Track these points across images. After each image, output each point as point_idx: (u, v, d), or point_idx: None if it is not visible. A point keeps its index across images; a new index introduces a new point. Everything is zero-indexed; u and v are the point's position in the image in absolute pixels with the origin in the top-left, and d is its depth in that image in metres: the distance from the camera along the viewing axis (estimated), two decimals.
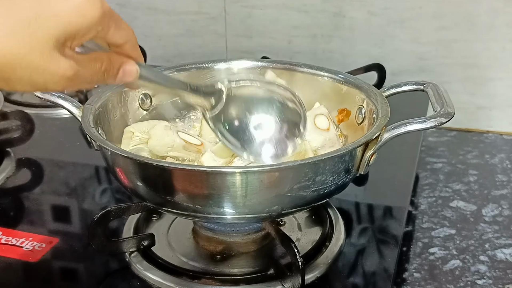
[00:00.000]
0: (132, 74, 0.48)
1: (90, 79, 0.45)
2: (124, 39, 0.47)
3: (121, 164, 0.55)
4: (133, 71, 0.48)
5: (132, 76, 0.49)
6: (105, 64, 0.46)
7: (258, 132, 0.60)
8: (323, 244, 0.63)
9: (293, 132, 0.60)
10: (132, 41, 0.48)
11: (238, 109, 0.60)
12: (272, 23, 1.06)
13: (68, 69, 0.42)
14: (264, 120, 0.60)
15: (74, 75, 0.43)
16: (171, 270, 0.59)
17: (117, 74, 0.47)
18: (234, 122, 0.59)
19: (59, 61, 0.42)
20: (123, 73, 0.48)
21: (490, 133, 0.98)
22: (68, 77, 0.43)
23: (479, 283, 0.63)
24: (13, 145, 0.85)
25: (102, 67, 0.46)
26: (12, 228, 0.68)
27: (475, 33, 0.95)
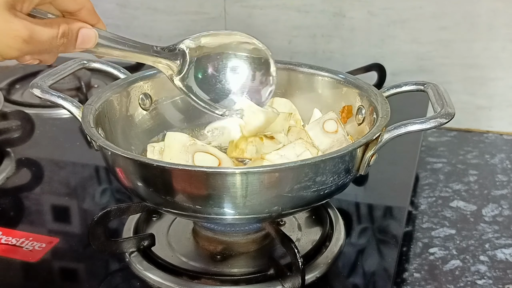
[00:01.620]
0: (91, 39, 0.47)
1: (48, 44, 0.44)
2: (78, 5, 0.46)
3: (121, 164, 0.55)
4: (91, 36, 0.47)
5: (91, 41, 0.47)
6: (62, 28, 0.44)
7: (229, 85, 0.60)
8: (323, 244, 0.63)
9: (264, 80, 0.61)
10: (87, 7, 0.46)
11: (205, 66, 0.59)
12: (272, 23, 1.06)
13: (22, 29, 0.41)
14: (233, 72, 0.60)
15: (30, 37, 0.42)
16: (171, 270, 0.59)
17: (76, 39, 0.46)
18: (204, 79, 0.59)
19: (11, 22, 0.41)
20: (82, 39, 0.46)
21: (490, 133, 0.98)
22: (23, 39, 0.41)
23: (479, 283, 0.63)
24: (13, 145, 0.85)
25: (59, 30, 0.44)
26: (12, 228, 0.68)
27: (475, 33, 0.95)
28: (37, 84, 0.62)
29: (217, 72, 0.60)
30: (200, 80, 0.59)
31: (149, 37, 1.14)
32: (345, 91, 0.68)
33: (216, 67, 0.60)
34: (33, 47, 0.43)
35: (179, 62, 0.57)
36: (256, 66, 0.61)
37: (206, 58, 0.60)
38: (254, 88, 0.60)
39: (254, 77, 0.61)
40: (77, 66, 0.69)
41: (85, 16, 0.47)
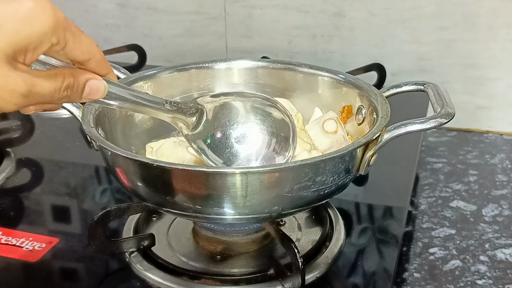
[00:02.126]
0: (99, 91, 0.45)
1: (50, 96, 0.41)
2: (87, 55, 0.43)
3: (121, 165, 0.55)
4: (100, 87, 0.44)
5: (100, 93, 0.45)
6: (67, 80, 0.42)
7: (243, 149, 0.57)
8: (323, 244, 0.63)
9: (282, 147, 0.58)
10: (97, 57, 0.44)
11: (220, 127, 0.57)
12: (272, 23, 1.06)
13: (19, 83, 0.38)
14: (249, 136, 0.57)
15: (28, 92, 0.39)
16: (171, 270, 0.59)
17: (83, 91, 0.43)
18: (217, 142, 0.56)
19: (9, 75, 0.38)
20: (89, 90, 0.44)
21: (490, 133, 0.98)
22: (21, 94, 0.39)
23: (479, 283, 0.63)
24: (13, 145, 0.85)
25: (63, 83, 0.41)
26: (12, 228, 0.68)
27: (475, 33, 0.95)
28: None
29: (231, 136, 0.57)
30: (214, 142, 0.57)
31: (149, 37, 1.14)
32: (345, 91, 0.68)
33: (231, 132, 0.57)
34: (33, 101, 0.40)
35: (195, 119, 0.55)
36: (274, 132, 0.58)
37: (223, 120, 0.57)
38: (269, 155, 0.57)
39: (270, 144, 0.58)
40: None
41: (95, 66, 0.44)
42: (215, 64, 0.73)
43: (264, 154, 0.57)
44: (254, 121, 0.58)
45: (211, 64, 0.73)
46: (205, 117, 0.56)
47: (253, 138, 0.58)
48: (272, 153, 0.58)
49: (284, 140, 0.58)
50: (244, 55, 1.08)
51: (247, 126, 0.58)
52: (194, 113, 0.55)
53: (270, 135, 0.58)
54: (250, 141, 0.57)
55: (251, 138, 0.58)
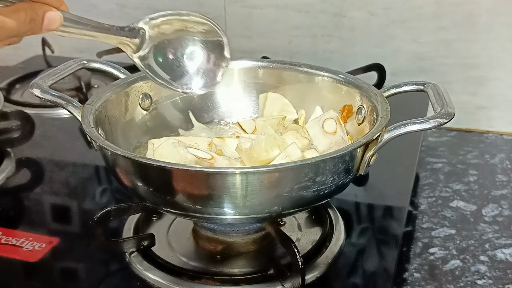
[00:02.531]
0: (56, 21, 0.49)
1: (17, 29, 0.46)
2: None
3: (121, 165, 0.55)
4: (56, 17, 0.49)
5: (57, 23, 0.49)
6: (29, 14, 0.47)
7: (186, 64, 0.63)
8: (323, 244, 0.63)
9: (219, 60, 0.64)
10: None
11: (164, 47, 0.62)
12: (272, 23, 1.06)
13: None
14: (190, 54, 0.63)
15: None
16: (171, 270, 0.59)
17: (42, 22, 0.48)
18: (163, 60, 0.61)
19: None
20: (48, 21, 0.48)
21: (490, 133, 0.98)
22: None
23: (479, 283, 0.63)
24: (13, 145, 0.85)
25: (26, 16, 0.46)
26: (12, 228, 0.68)
27: (475, 33, 0.95)
28: (37, 84, 0.62)
29: (175, 54, 0.63)
30: (159, 60, 0.62)
31: None
32: (345, 91, 0.68)
33: (174, 49, 0.63)
34: (3, 35, 0.45)
35: (138, 40, 0.60)
36: (211, 48, 0.64)
37: (164, 40, 0.62)
38: (209, 68, 0.64)
39: (209, 58, 0.64)
40: (77, 66, 0.69)
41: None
42: None
43: (204, 69, 0.64)
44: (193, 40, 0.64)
45: None
46: (147, 38, 0.61)
47: (194, 56, 0.64)
48: (211, 67, 0.64)
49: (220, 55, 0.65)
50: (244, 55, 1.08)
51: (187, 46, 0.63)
52: (136, 35, 0.60)
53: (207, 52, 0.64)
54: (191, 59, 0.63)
55: (191, 56, 0.64)
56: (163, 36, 0.62)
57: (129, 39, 0.59)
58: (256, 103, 0.74)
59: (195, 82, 0.64)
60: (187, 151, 0.61)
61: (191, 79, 0.63)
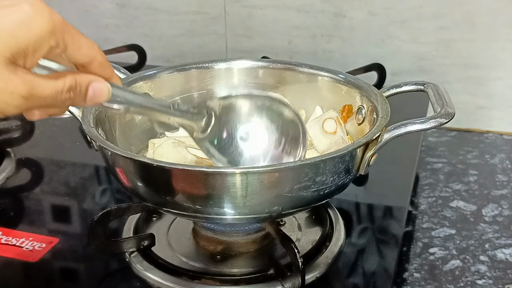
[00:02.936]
0: (103, 94, 0.44)
1: (52, 98, 0.41)
2: (88, 57, 0.43)
3: (121, 165, 0.55)
4: (104, 90, 0.44)
5: (104, 96, 0.44)
6: (68, 82, 0.42)
7: (248, 148, 0.57)
8: (323, 244, 0.63)
9: (291, 146, 0.57)
10: (98, 59, 0.44)
11: (226, 127, 0.57)
12: (272, 23, 1.06)
13: (19, 85, 0.39)
14: (255, 135, 0.57)
15: (29, 94, 0.39)
16: (171, 270, 0.59)
17: (86, 93, 0.43)
18: (223, 142, 0.56)
19: (8, 78, 0.38)
20: (93, 93, 0.43)
21: (490, 133, 0.98)
22: (21, 96, 0.39)
23: (479, 283, 0.63)
24: (13, 145, 0.85)
25: (65, 85, 0.41)
26: (12, 228, 0.68)
27: (475, 33, 0.95)
28: None
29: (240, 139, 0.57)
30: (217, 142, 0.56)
31: (149, 37, 1.14)
32: (345, 91, 0.68)
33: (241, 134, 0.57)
34: (34, 103, 0.40)
35: (203, 122, 0.54)
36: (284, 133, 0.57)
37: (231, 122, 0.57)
38: (278, 154, 0.57)
39: (280, 143, 0.57)
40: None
41: (96, 68, 0.44)
42: (215, 64, 0.73)
43: (273, 154, 0.57)
44: (260, 120, 0.57)
45: (211, 64, 0.73)
46: (214, 120, 0.55)
47: (260, 137, 0.57)
48: (281, 153, 0.57)
49: (293, 139, 0.57)
50: (244, 55, 1.08)
51: (253, 125, 0.57)
52: (202, 117, 0.55)
53: (277, 134, 0.57)
54: (257, 140, 0.57)
55: (257, 137, 0.57)
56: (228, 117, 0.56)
57: (193, 122, 0.53)
58: None
59: None
60: (187, 151, 0.61)
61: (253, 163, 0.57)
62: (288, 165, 0.53)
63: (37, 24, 0.39)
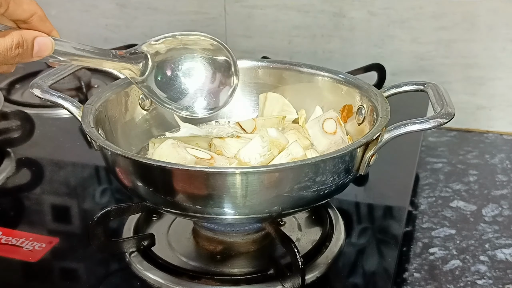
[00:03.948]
0: (47, 47, 0.47)
1: (2, 56, 0.44)
2: (28, 12, 0.45)
3: (121, 165, 0.55)
4: (48, 44, 0.47)
5: (48, 49, 0.47)
6: (15, 39, 0.44)
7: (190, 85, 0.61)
8: (323, 244, 0.63)
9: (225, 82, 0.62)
10: (38, 14, 0.46)
11: (165, 68, 0.60)
12: (272, 23, 1.06)
13: None
14: (194, 72, 0.61)
15: None
16: (171, 270, 0.59)
17: (33, 48, 0.46)
18: (164, 81, 0.60)
19: None
20: (38, 47, 0.46)
21: (490, 133, 0.98)
22: None
23: (479, 283, 0.63)
24: (13, 145, 0.85)
25: (13, 42, 0.44)
26: (12, 228, 0.68)
27: (475, 33, 0.95)
28: (37, 84, 0.62)
29: (175, 72, 0.61)
30: (159, 80, 0.60)
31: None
32: (345, 91, 0.68)
33: (174, 68, 0.61)
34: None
35: (141, 65, 0.58)
36: (216, 67, 0.62)
37: (166, 61, 0.61)
38: (214, 89, 0.62)
39: (214, 78, 0.62)
40: (77, 66, 0.69)
41: (38, 24, 0.46)
42: None
43: (209, 91, 0.62)
44: (197, 57, 0.62)
45: None
46: (150, 62, 0.59)
47: (198, 74, 0.61)
48: (217, 87, 0.62)
49: (226, 74, 0.62)
50: (244, 55, 1.08)
51: (192, 62, 0.62)
52: (140, 60, 0.58)
53: (213, 70, 0.62)
54: (196, 77, 0.61)
55: (196, 74, 0.61)
56: (164, 56, 0.60)
57: (132, 65, 0.57)
58: (256, 103, 0.74)
59: (198, 103, 0.62)
60: (187, 152, 0.61)
61: (194, 100, 0.62)
62: (288, 165, 0.53)
63: None
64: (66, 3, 1.17)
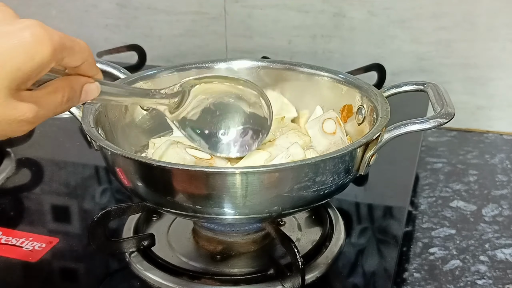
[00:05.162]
0: (94, 93, 0.47)
1: (54, 112, 0.43)
2: (80, 61, 0.44)
3: (121, 164, 0.55)
4: (94, 90, 0.47)
5: (94, 94, 0.47)
6: (67, 93, 0.44)
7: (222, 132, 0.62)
8: (323, 244, 0.63)
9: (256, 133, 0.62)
10: (88, 60, 0.45)
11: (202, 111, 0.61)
12: (272, 23, 1.06)
13: (27, 112, 0.40)
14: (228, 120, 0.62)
15: (36, 116, 0.41)
16: (171, 270, 0.59)
17: (80, 97, 0.46)
18: (198, 123, 0.61)
19: (16, 108, 0.40)
20: (85, 94, 0.46)
21: (490, 133, 0.98)
22: (29, 121, 0.41)
23: (479, 283, 0.63)
24: (13, 145, 0.85)
25: (64, 97, 0.43)
26: (12, 228, 0.68)
27: (475, 33, 0.95)
28: None
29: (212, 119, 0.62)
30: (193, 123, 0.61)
31: (149, 37, 1.14)
32: (345, 91, 0.68)
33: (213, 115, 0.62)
34: (41, 121, 0.42)
35: (177, 100, 0.58)
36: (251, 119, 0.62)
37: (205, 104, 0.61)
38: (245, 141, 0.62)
39: (247, 132, 0.62)
40: None
41: (86, 69, 0.45)
42: (215, 64, 0.73)
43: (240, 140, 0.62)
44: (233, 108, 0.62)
45: (211, 64, 0.73)
46: (188, 100, 0.59)
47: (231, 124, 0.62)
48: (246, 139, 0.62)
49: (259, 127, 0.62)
50: (244, 55, 1.08)
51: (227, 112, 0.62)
52: (176, 96, 0.59)
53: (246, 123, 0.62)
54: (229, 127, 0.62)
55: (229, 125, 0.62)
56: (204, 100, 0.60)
57: (167, 101, 0.58)
58: None
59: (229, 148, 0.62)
60: (186, 152, 0.61)
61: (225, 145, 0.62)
62: (288, 165, 0.53)
63: (39, 54, 0.39)
64: (66, 3, 1.17)
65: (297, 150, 0.59)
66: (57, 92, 0.43)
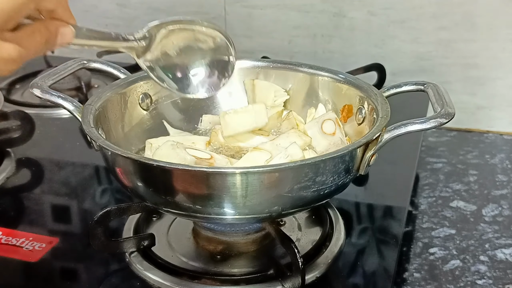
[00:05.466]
0: (68, 36, 0.49)
1: (34, 52, 0.46)
2: (55, 4, 0.47)
3: (121, 164, 0.55)
4: (69, 33, 0.49)
5: (69, 38, 0.50)
6: (45, 35, 0.47)
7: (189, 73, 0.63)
8: (323, 244, 0.63)
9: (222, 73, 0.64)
10: (63, 4, 0.48)
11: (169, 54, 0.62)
12: (272, 23, 1.06)
13: (12, 51, 0.44)
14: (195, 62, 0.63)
15: (19, 56, 0.44)
16: (171, 270, 0.59)
17: (56, 39, 0.48)
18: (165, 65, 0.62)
19: (1, 47, 0.43)
20: (61, 37, 0.49)
21: (490, 133, 0.98)
22: (13, 60, 0.44)
23: (479, 283, 0.63)
24: (13, 145, 0.85)
25: (42, 38, 0.46)
26: (12, 228, 0.68)
27: (475, 33, 0.95)
28: (37, 84, 0.62)
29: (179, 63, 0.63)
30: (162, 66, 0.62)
31: None
32: (345, 91, 0.68)
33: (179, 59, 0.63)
34: (23, 60, 0.45)
35: (145, 43, 0.60)
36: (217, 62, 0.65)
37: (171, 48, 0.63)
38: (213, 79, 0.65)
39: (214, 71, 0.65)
40: (77, 66, 0.69)
41: (61, 12, 0.48)
42: None
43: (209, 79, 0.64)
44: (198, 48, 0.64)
45: None
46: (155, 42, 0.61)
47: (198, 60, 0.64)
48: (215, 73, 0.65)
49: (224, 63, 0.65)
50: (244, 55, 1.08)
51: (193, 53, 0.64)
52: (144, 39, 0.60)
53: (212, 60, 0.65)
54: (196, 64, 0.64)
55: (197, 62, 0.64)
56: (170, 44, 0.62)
57: (136, 44, 0.59)
58: None
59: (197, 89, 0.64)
60: (186, 153, 0.61)
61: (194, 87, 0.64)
62: (288, 165, 0.53)
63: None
64: None
65: (295, 150, 0.59)
66: (36, 33, 0.46)
